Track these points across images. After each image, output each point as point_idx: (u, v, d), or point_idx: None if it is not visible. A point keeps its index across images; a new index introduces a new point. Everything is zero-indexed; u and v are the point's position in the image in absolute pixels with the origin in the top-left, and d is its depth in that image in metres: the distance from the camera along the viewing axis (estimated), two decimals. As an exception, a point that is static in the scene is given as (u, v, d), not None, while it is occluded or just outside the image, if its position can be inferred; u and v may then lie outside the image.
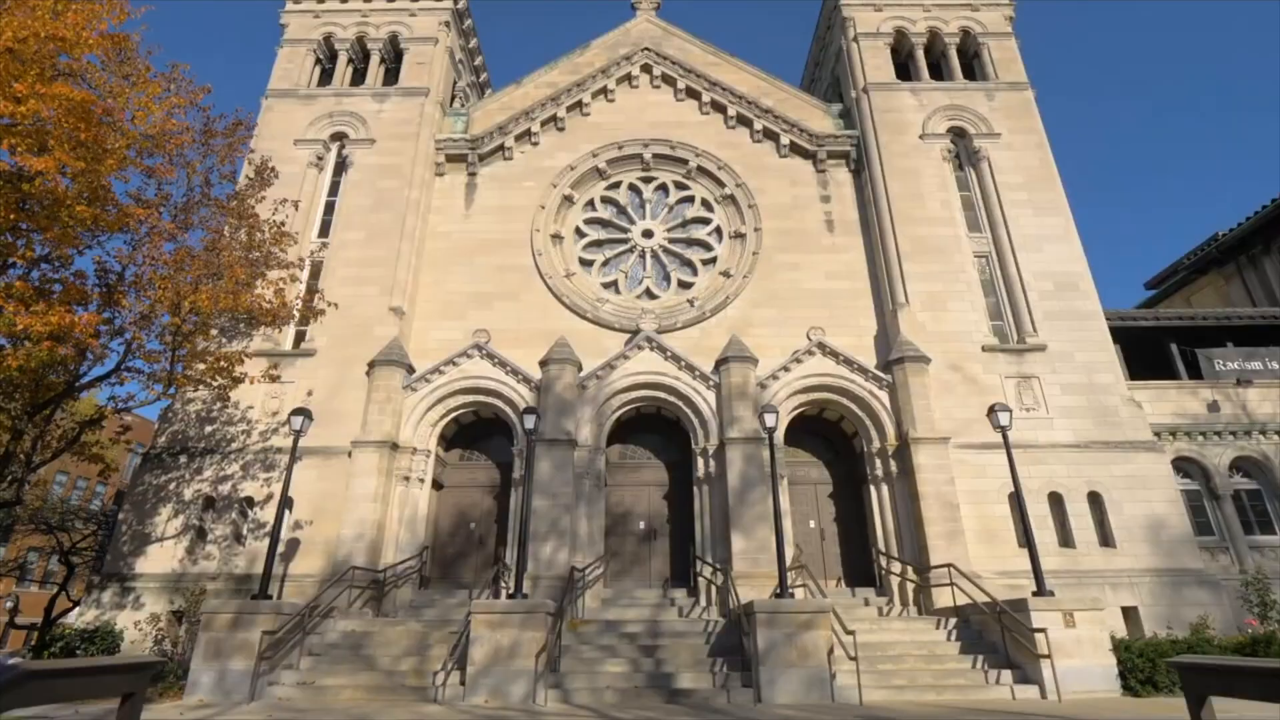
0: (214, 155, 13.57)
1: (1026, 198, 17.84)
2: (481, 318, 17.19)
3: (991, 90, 19.37)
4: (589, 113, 20.07)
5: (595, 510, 14.99)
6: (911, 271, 16.92)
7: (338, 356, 16.10)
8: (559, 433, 14.89)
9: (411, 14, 20.83)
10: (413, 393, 15.69)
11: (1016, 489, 12.05)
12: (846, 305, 17.42)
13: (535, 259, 18.01)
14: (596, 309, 17.45)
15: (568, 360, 15.68)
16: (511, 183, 19.15)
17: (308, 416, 12.27)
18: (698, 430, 15.68)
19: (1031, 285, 16.80)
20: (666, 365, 15.99)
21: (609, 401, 15.86)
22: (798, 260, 18.02)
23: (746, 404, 15.26)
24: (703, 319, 17.33)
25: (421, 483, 15.38)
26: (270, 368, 13.84)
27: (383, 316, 16.44)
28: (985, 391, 15.71)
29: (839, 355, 15.92)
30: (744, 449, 14.76)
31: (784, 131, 19.41)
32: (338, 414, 15.44)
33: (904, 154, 18.49)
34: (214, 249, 12.00)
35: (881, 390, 15.68)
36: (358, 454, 14.63)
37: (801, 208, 18.77)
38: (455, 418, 16.40)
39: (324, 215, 18.37)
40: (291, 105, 19.28)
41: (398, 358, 15.63)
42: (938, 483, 14.33)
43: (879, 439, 15.50)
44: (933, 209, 17.82)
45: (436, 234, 18.50)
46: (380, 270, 17.02)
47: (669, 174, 19.53)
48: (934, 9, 20.75)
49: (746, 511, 14.19)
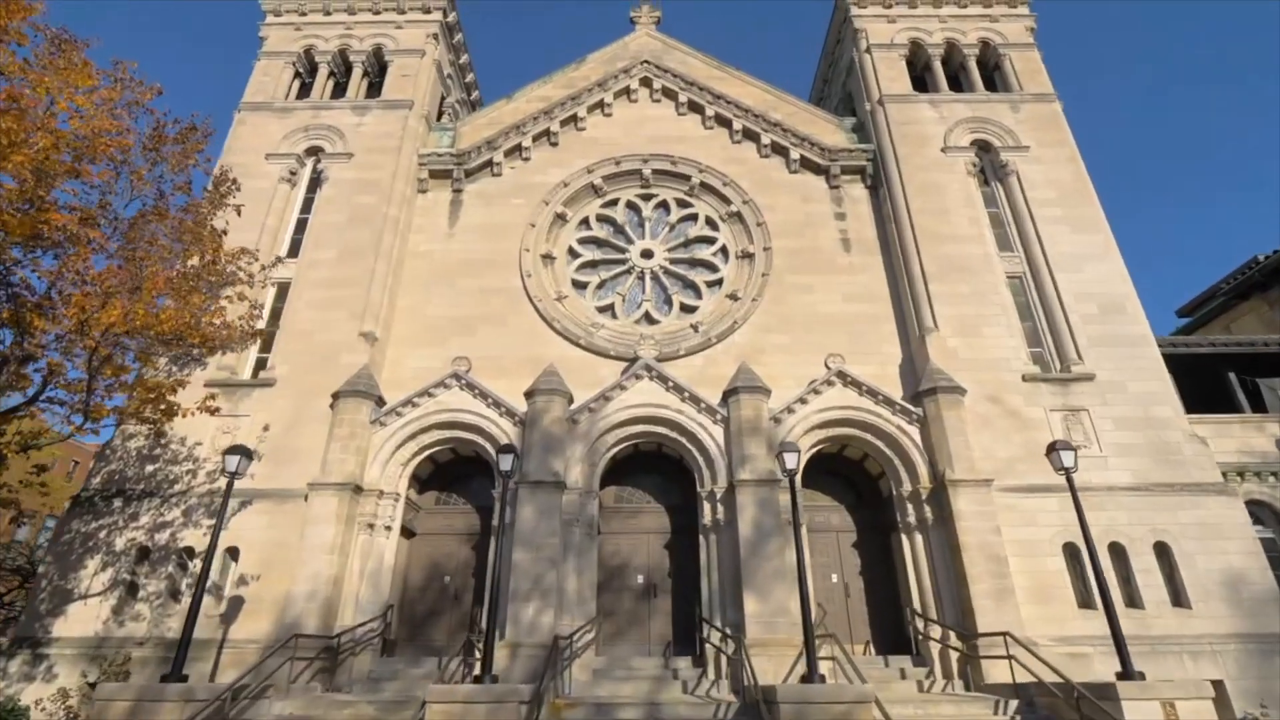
0: (165, 163, 12.26)
1: (1061, 214, 16.42)
2: (463, 344, 15.62)
3: (1016, 102, 18.18)
4: (584, 127, 18.90)
5: (586, 563, 13.11)
6: (939, 293, 15.38)
7: (299, 387, 14.46)
8: (545, 473, 13.12)
9: (398, 26, 19.90)
10: (381, 428, 13.99)
11: (1087, 540, 10.24)
12: (867, 331, 15.83)
13: (524, 280, 16.54)
14: (590, 335, 15.88)
15: (556, 391, 14.01)
16: (499, 200, 17.83)
17: (246, 455, 10.54)
18: (703, 470, 13.90)
19: (1073, 308, 15.22)
20: (668, 397, 14.31)
21: (603, 438, 14.13)
22: (811, 282, 16.52)
23: (759, 440, 13.51)
24: (708, 346, 15.74)
25: (388, 530, 13.54)
26: (207, 399, 12.16)
27: (352, 343, 14.86)
28: (1029, 426, 13.98)
29: (862, 386, 14.24)
30: (757, 492, 12.95)
31: (794, 146, 18.16)
32: (295, 452, 13.72)
33: (925, 168, 17.17)
34: (133, 259, 10.47)
35: (911, 425, 13.94)
36: (314, 498, 12.85)
37: (814, 226, 17.37)
38: (430, 456, 14.66)
39: (295, 234, 16.98)
40: (265, 118, 18.13)
41: (365, 388, 13.98)
42: (981, 532, 12.47)
43: (910, 481, 13.69)
44: (959, 225, 16.39)
45: (417, 254, 17.09)
46: (352, 292, 15.52)
47: (670, 191, 18.22)
48: (950, 20, 19.76)
49: (761, 566, 12.31)
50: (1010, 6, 19.78)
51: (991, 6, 19.79)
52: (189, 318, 10.22)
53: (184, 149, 12.22)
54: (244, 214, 16.21)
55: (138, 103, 11.80)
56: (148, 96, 11.67)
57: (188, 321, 10.20)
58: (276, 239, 16.63)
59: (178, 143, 12.27)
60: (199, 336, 10.56)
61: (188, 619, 9.41)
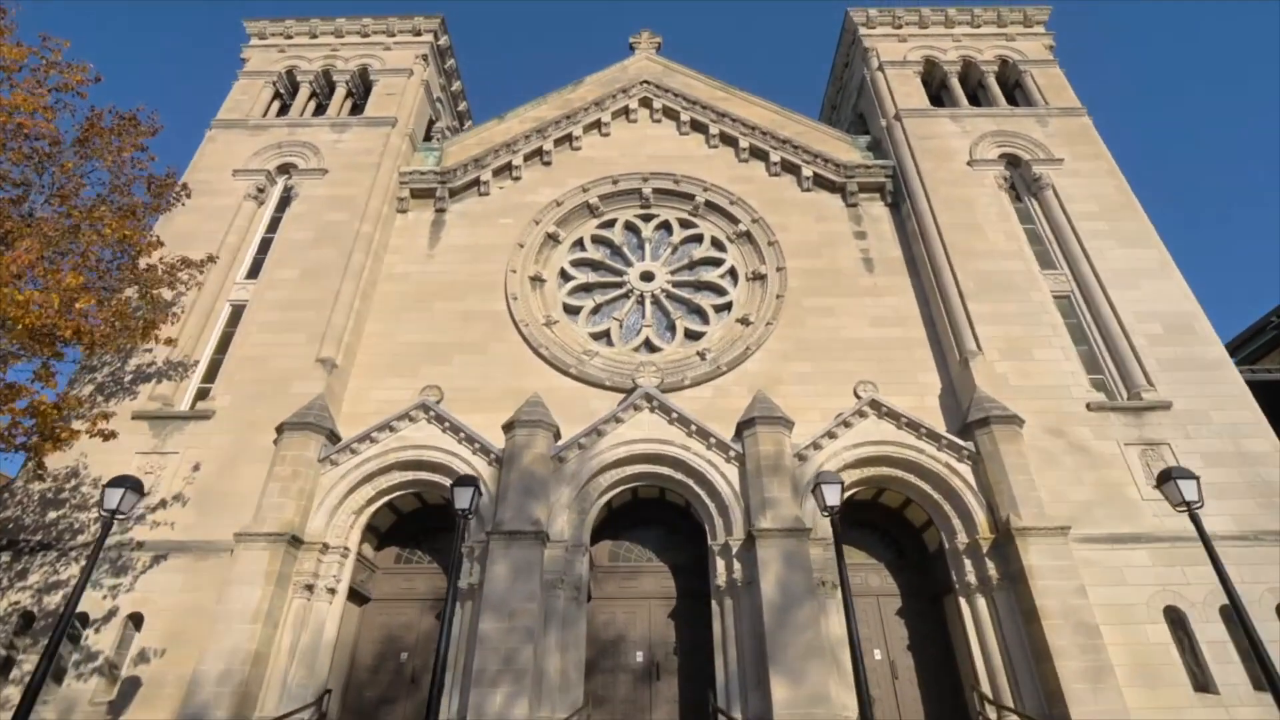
0: (99, 158, 10.77)
1: (1107, 228, 14.82)
2: (437, 374, 13.69)
3: (1043, 116, 16.97)
4: (580, 147, 17.67)
5: (572, 636, 10.64)
6: (980, 313, 13.55)
7: (241, 419, 12.42)
8: (523, 521, 10.87)
9: (386, 48, 19.09)
10: (332, 467, 11.84)
11: (1232, 600, 7.90)
12: (900, 357, 13.90)
13: (509, 303, 14.78)
14: (582, 363, 13.96)
15: (540, 423, 11.94)
16: (486, 220, 16.34)
17: (134, 489, 8.35)
18: (715, 519, 11.63)
19: (1134, 329, 13.34)
20: (672, 431, 12.22)
21: (595, 480, 11.94)
22: (832, 304, 14.73)
23: (782, 481, 11.31)
24: (717, 374, 13.78)
25: (332, 594, 11.14)
26: (98, 418, 10.05)
27: (307, 370, 12.94)
28: (1101, 463, 11.80)
29: (900, 417, 12.16)
30: (782, 545, 10.65)
31: (806, 163, 16.84)
32: (227, 497, 11.53)
33: (951, 182, 15.73)
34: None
35: (962, 463, 11.77)
36: (241, 551, 10.55)
37: (832, 245, 15.77)
38: (390, 503, 12.43)
39: (259, 254, 15.36)
40: (237, 136, 16.93)
41: (315, 420, 11.92)
42: (1063, 593, 10.07)
43: (965, 531, 11.39)
44: (995, 240, 14.76)
45: (392, 275, 15.42)
46: (312, 314, 13.73)
47: (672, 211, 16.76)
48: (964, 39, 18.91)
49: (791, 639, 9.86)
50: (1026, 26, 18.98)
51: (1006, 26, 18.99)
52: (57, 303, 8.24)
53: (120, 142, 10.73)
54: (203, 231, 14.84)
55: (68, 86, 10.42)
56: (77, 78, 10.29)
57: (56, 309, 8.23)
58: (236, 257, 15.01)
59: (115, 135, 10.81)
60: (70, 329, 8.57)
61: (18, 711, 6.96)
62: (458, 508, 8.63)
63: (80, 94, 10.29)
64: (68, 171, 10.33)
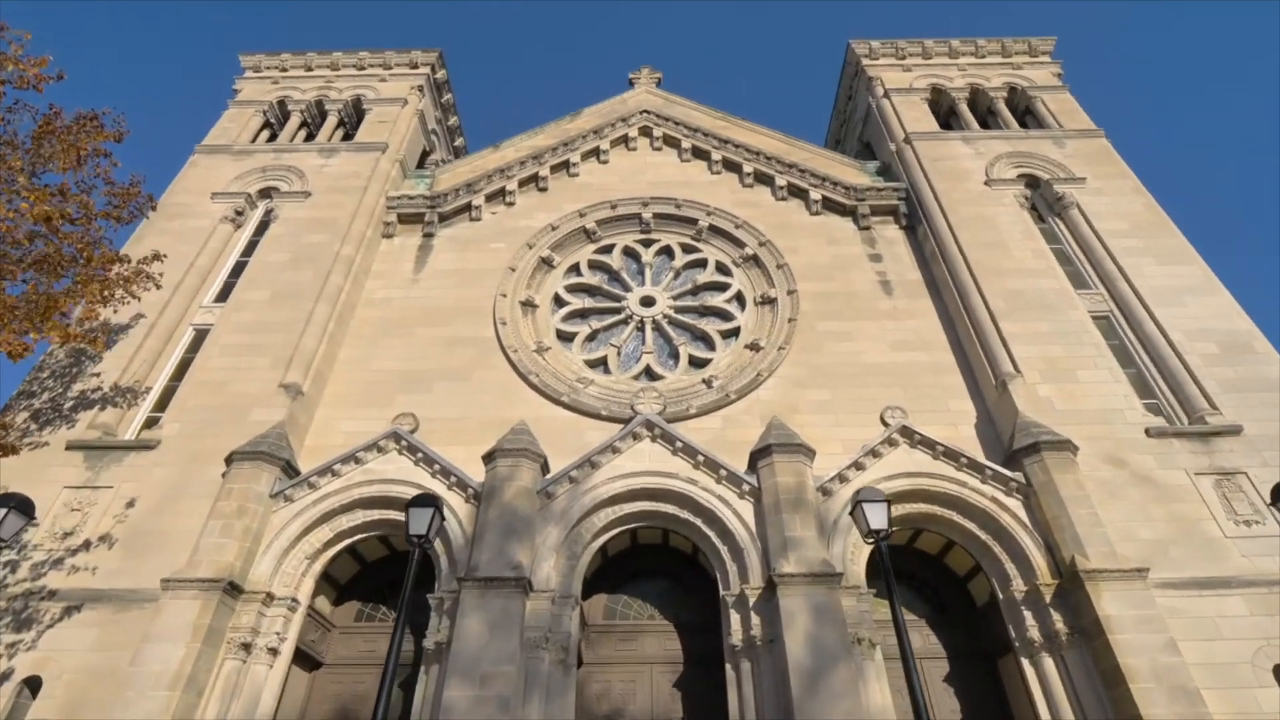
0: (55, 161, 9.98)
1: (1141, 245, 13.89)
2: (415, 404, 12.43)
3: (1059, 137, 16.41)
4: (577, 173, 17.09)
5: (559, 708, 8.87)
6: (1014, 333, 12.40)
7: (189, 450, 11.07)
8: (502, 566, 9.31)
9: (382, 79, 18.88)
10: (286, 504, 10.38)
11: None
12: (928, 383, 12.66)
13: (497, 329, 13.69)
14: (576, 392, 12.71)
15: (525, 453, 10.56)
16: (476, 245, 15.50)
17: (18, 509, 6.93)
18: (727, 565, 10.06)
19: (1186, 348, 12.15)
20: (676, 462, 10.81)
21: (588, 520, 10.45)
22: (849, 328, 13.63)
23: (805, 518, 9.82)
24: (725, 403, 12.51)
25: (274, 655, 9.44)
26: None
27: (268, 396, 11.69)
28: (1171, 496, 10.33)
29: (936, 446, 10.77)
30: (809, 594, 9.04)
31: (814, 186, 16.16)
32: (164, 537, 10.03)
33: (969, 200, 14.96)
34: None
35: (1011, 497, 10.30)
36: (167, 601, 8.97)
37: (845, 269, 14.82)
38: (353, 548, 10.90)
39: (231, 278, 14.41)
40: (220, 161, 16.36)
41: (270, 449, 10.55)
42: (1152, 650, 8.40)
43: (1021, 577, 9.79)
44: (1022, 258, 13.80)
45: (372, 301, 14.41)
46: (280, 337, 12.61)
47: (673, 236, 15.95)
48: (970, 68, 18.70)
49: (825, 712, 8.12)
50: (1031, 56, 18.82)
51: (1012, 56, 18.83)
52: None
53: (78, 140, 9.95)
54: (173, 253, 13.95)
55: (24, 81, 9.72)
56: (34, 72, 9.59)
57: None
58: (205, 280, 14.06)
59: (73, 134, 10.04)
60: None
61: None
62: (412, 533, 7.18)
63: (36, 88, 9.56)
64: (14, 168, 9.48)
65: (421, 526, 7.14)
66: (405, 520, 7.41)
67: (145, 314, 12.87)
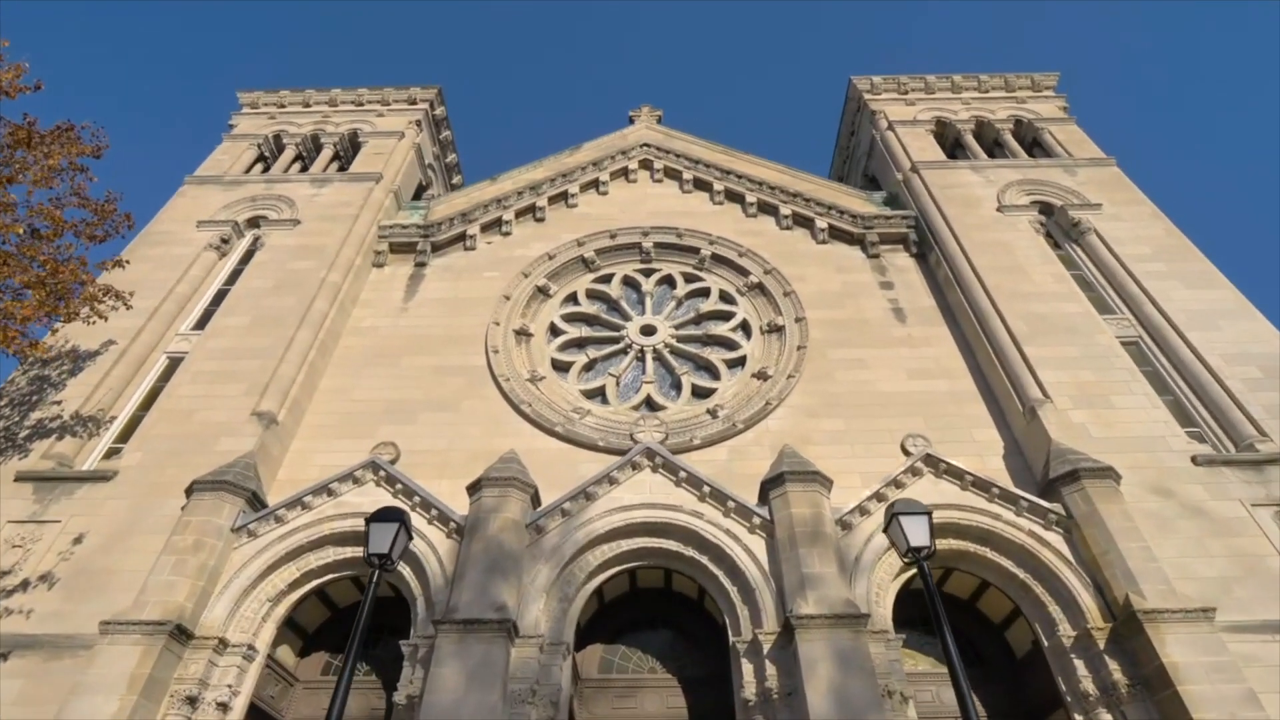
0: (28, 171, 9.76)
1: (1166, 269, 13.52)
2: (398, 434, 11.79)
3: (1070, 166, 16.35)
4: (575, 204, 17.00)
5: (546, 773, 7.83)
6: (1040, 357, 11.85)
7: (148, 482, 10.36)
8: (484, 607, 8.44)
9: (380, 114, 19.12)
10: (249, 540, 9.58)
11: None
12: (949, 412, 12.03)
13: (489, 357, 13.19)
14: (571, 422, 12.08)
15: (514, 483, 9.83)
16: (470, 273, 15.21)
17: None
18: (738, 608, 9.16)
19: (1226, 373, 11.55)
20: (680, 494, 10.05)
21: (582, 558, 9.61)
22: (863, 356, 13.10)
23: (824, 553, 8.99)
24: (732, 433, 11.85)
25: (224, 711, 8.44)
26: None
27: (239, 424, 11.06)
28: (1228, 529, 9.51)
29: (965, 475, 10.03)
30: (833, 639, 8.12)
31: (820, 215, 15.99)
32: (110, 575, 9.22)
33: (983, 226, 14.71)
34: None
35: (1051, 531, 9.48)
36: (104, 648, 8.07)
37: (856, 296, 14.43)
38: (321, 591, 10.02)
39: (212, 305, 14.03)
40: (210, 191, 16.30)
41: (234, 480, 9.83)
42: (1229, 703, 7.42)
43: (1068, 621, 8.87)
44: (1042, 282, 13.41)
45: (359, 329, 13.97)
46: (257, 364, 12.09)
47: (675, 265, 15.66)
48: (974, 102, 18.91)
49: (855, 774, 7.10)
50: (1035, 91, 19.06)
51: (1015, 91, 19.08)
52: None
53: (50, 150, 9.75)
54: (152, 279, 13.75)
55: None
56: (9, 76, 9.48)
57: None
58: (185, 308, 13.68)
59: (46, 144, 9.86)
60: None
61: None
62: (372, 552, 6.41)
63: (9, 93, 9.43)
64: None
65: (383, 544, 6.38)
66: (366, 534, 6.62)
67: (116, 340, 12.42)
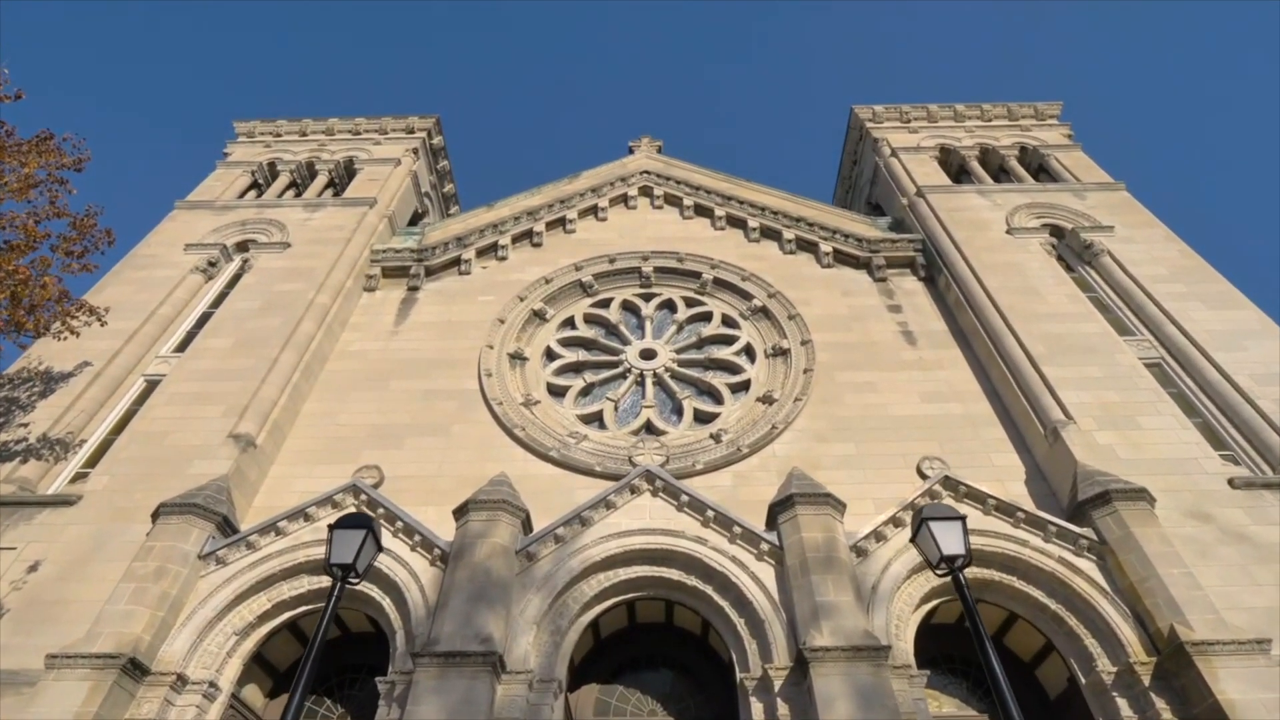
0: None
1: (1185, 290, 13.44)
2: (383, 459, 11.48)
3: (1079, 190, 16.52)
4: (574, 229, 17.11)
5: (533, 827, 7.20)
6: (1060, 378, 11.63)
7: (114, 506, 10.00)
8: (468, 638, 7.96)
9: (376, 143, 19.50)
10: (217, 568, 9.15)
11: None
12: (965, 436, 11.73)
13: (481, 380, 12.98)
14: (567, 447, 11.77)
15: (503, 506, 9.46)
16: (464, 297, 15.16)
17: None
18: (745, 642, 8.65)
19: (1256, 393, 11.30)
20: (682, 519, 9.65)
21: (576, 588, 9.15)
22: (873, 379, 12.89)
23: (839, 581, 8.55)
24: (737, 458, 11.52)
25: (177, 759, 7.86)
26: None
27: (214, 447, 10.76)
28: (1276, 556, 9.07)
29: (987, 499, 9.67)
30: (850, 674, 7.62)
31: (824, 239, 16.05)
32: (64, 606, 8.76)
33: (992, 248, 14.73)
34: None
35: (1082, 558, 9.06)
36: (48, 684, 7.57)
37: (863, 320, 14.33)
38: (294, 624, 9.51)
39: (195, 328, 13.92)
40: (200, 215, 16.45)
41: (204, 503, 9.47)
42: (1294, 747, 6.88)
43: (1107, 655, 8.36)
44: (1057, 303, 13.31)
45: (346, 353, 13.81)
46: (237, 385, 11.87)
47: (676, 289, 15.63)
48: (978, 130, 19.29)
49: (880, 825, 6.51)
50: (1039, 119, 19.47)
51: (1019, 119, 19.49)
52: None
53: (24, 161, 9.81)
54: (134, 301, 13.75)
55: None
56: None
57: None
58: (166, 330, 13.56)
59: (22, 152, 9.93)
60: None
61: None
62: (334, 562, 5.99)
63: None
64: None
65: (346, 554, 5.96)
66: (328, 543, 6.22)
67: (92, 362, 12.25)
